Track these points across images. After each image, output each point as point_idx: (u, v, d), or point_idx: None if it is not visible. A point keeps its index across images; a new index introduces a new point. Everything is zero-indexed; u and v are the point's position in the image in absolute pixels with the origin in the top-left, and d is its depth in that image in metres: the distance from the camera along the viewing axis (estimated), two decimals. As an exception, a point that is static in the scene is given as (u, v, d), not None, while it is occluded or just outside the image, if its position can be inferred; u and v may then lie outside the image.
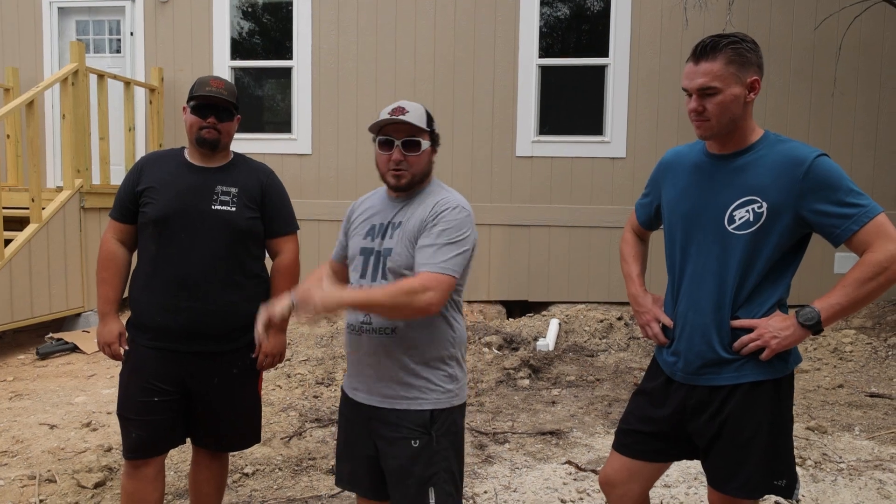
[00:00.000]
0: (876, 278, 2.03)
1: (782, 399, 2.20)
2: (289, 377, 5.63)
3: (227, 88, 2.77)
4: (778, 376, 2.17)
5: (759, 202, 2.12)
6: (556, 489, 3.56)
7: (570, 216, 7.63)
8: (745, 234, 2.14)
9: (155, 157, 2.89)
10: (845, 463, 3.73)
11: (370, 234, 2.40)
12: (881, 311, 6.96)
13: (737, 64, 2.09)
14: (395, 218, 2.37)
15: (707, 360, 2.20)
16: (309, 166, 7.96)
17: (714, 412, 2.19)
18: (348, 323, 2.38)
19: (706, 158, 2.26)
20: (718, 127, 2.15)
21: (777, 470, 2.19)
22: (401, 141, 2.30)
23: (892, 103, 7.29)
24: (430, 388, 2.31)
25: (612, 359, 6.49)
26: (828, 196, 2.06)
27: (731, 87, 2.10)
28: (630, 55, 7.54)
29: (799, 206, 2.09)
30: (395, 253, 2.30)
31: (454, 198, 2.35)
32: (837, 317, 2.10)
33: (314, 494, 3.71)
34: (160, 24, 8.14)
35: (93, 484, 3.71)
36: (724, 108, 2.11)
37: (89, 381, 5.57)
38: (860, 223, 2.05)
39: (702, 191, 2.24)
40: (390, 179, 2.33)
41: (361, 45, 7.85)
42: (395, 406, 2.31)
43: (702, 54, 2.12)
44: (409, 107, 2.32)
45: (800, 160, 2.09)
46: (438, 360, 2.32)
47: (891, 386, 5.60)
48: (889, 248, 2.02)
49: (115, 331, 2.82)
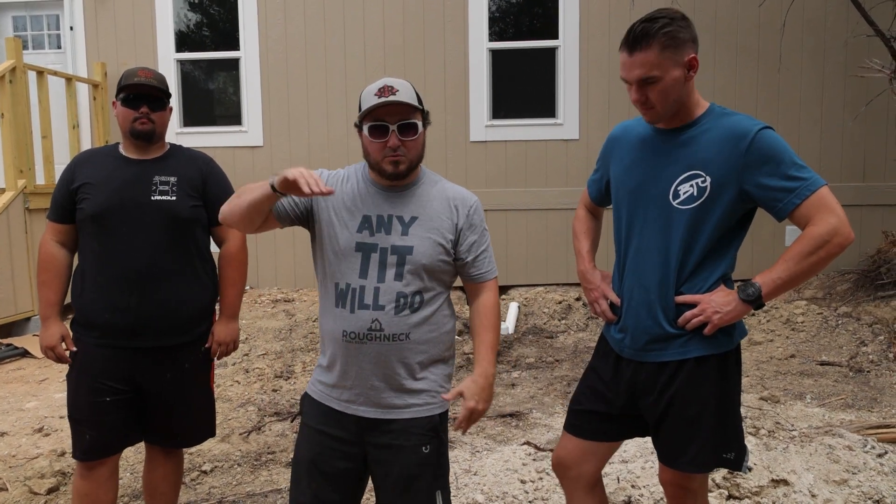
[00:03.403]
0: (817, 252, 2.03)
1: (728, 374, 2.21)
2: (247, 372, 5.57)
3: (157, 77, 2.72)
4: (723, 350, 2.19)
5: (703, 176, 2.11)
6: (515, 470, 3.58)
7: (526, 199, 7.66)
8: (688, 208, 2.13)
9: (88, 155, 2.83)
10: (797, 430, 3.81)
11: (365, 227, 2.15)
12: (832, 281, 7.12)
13: (672, 48, 2.06)
14: (398, 210, 2.17)
15: (653, 335, 2.20)
16: (261, 158, 7.86)
17: (661, 389, 2.20)
18: (345, 331, 2.13)
19: (652, 132, 2.25)
20: (664, 111, 2.14)
21: (726, 443, 2.21)
22: (396, 125, 2.08)
23: (835, 79, 7.42)
24: (436, 391, 2.21)
25: (571, 339, 6.54)
26: (770, 169, 2.05)
27: (671, 72, 2.07)
28: (580, 36, 7.56)
29: (742, 179, 2.08)
30: (418, 252, 2.13)
31: (460, 188, 2.30)
32: (779, 291, 2.09)
33: (274, 488, 3.68)
34: (101, 18, 7.93)
35: (45, 490, 3.63)
36: (666, 93, 2.09)
37: (41, 386, 5.45)
38: (802, 196, 2.04)
39: (647, 166, 2.23)
40: (387, 167, 2.12)
41: (309, 33, 7.75)
42: (403, 416, 2.17)
43: (635, 44, 2.07)
44: (397, 84, 2.09)
45: (742, 133, 2.08)
46: (441, 360, 2.24)
47: (840, 354, 5.74)
48: (830, 221, 2.02)
49: (57, 333, 2.76)
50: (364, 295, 2.12)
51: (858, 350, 5.74)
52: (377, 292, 2.12)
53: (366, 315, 2.11)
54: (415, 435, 2.16)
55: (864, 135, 7.44)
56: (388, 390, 2.16)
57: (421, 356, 2.17)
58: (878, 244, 7.06)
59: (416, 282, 2.14)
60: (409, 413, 2.17)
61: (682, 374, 2.18)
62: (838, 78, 7.41)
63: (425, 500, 2.17)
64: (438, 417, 2.21)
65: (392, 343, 2.12)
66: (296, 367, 5.68)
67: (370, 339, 2.12)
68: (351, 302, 2.13)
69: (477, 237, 2.24)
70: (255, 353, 5.96)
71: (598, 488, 2.44)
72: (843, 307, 6.50)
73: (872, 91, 6.96)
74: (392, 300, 2.12)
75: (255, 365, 5.69)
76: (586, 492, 2.39)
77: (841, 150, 7.50)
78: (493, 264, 2.30)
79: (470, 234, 2.22)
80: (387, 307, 2.11)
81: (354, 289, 2.13)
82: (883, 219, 7.32)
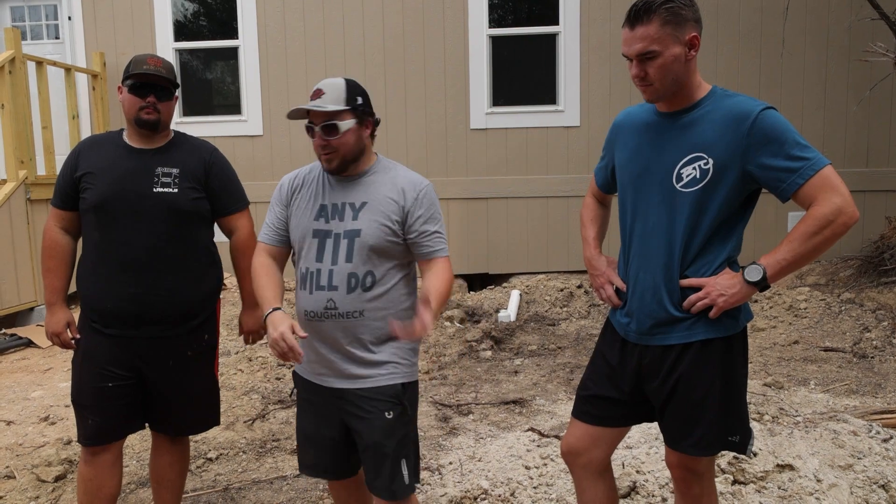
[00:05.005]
0: (821, 232, 2.01)
1: (734, 356, 2.21)
2: (250, 361, 5.58)
3: (165, 66, 2.70)
4: (729, 333, 2.18)
5: (706, 159, 2.10)
6: (520, 456, 3.59)
7: (527, 187, 7.64)
8: (692, 191, 2.12)
9: (92, 142, 2.81)
10: (801, 416, 3.81)
11: (321, 215, 2.37)
12: (834, 267, 7.12)
13: (673, 24, 2.05)
14: (350, 198, 2.36)
15: (658, 319, 2.20)
16: (261, 147, 7.84)
17: (667, 372, 2.20)
18: (307, 310, 2.35)
19: (655, 117, 2.24)
20: (663, 89, 2.12)
21: (731, 426, 2.21)
22: (319, 126, 2.30)
23: (839, 62, 7.39)
24: (398, 363, 2.36)
25: (573, 326, 6.54)
26: (773, 150, 2.04)
27: (671, 48, 2.06)
28: (580, 22, 7.53)
29: (745, 160, 2.07)
30: (365, 234, 2.30)
31: (414, 175, 2.42)
32: (784, 272, 2.09)
33: (279, 475, 3.69)
34: (99, 8, 7.90)
35: (53, 477, 3.64)
36: (665, 70, 2.08)
37: (45, 376, 5.46)
38: (805, 176, 2.02)
39: (651, 150, 2.22)
40: (323, 163, 2.37)
41: (308, 20, 7.71)
42: (367, 385, 2.33)
43: (636, 18, 2.08)
44: (327, 87, 2.32)
45: (745, 114, 2.06)
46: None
47: (844, 340, 5.74)
48: (835, 201, 2.00)
49: (62, 320, 2.76)
50: (320, 277, 2.33)
51: (862, 336, 5.73)
52: (331, 274, 2.32)
53: (322, 295, 2.32)
54: (378, 401, 2.32)
55: (867, 119, 7.41)
56: (350, 363, 2.34)
57: (377, 332, 2.33)
58: (881, 230, 7.04)
59: (367, 262, 2.31)
60: (372, 382, 2.33)
61: (688, 356, 2.18)
62: (842, 62, 7.37)
63: (391, 466, 2.33)
64: (402, 387, 2.35)
65: (347, 320, 2.31)
66: (299, 355, 5.68)
67: (327, 317, 2.32)
68: (310, 284, 2.35)
69: (424, 219, 2.35)
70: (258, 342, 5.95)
71: (608, 474, 2.45)
72: (847, 293, 6.49)
73: (876, 75, 6.94)
74: (344, 280, 2.31)
75: (259, 353, 5.69)
76: (596, 478, 2.40)
77: (845, 135, 7.47)
78: (442, 244, 2.39)
79: (417, 216, 2.34)
80: (340, 287, 2.31)
81: (313, 272, 2.35)
82: (886, 204, 7.30)
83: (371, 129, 2.41)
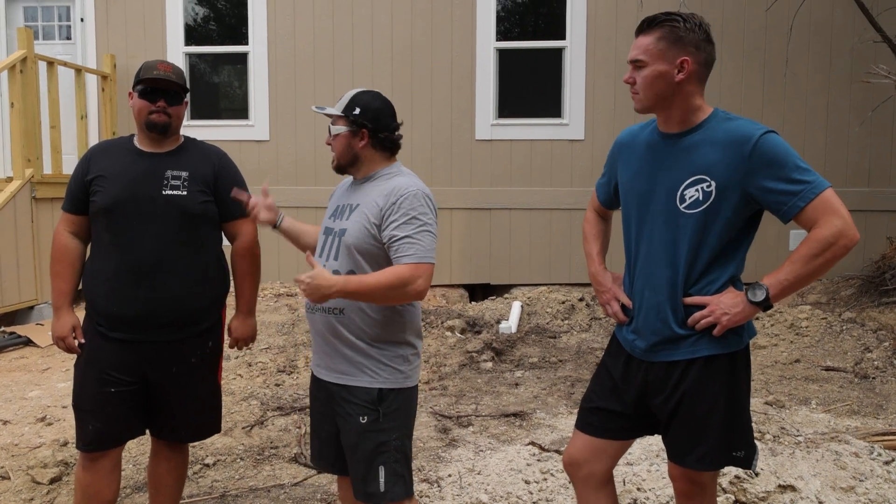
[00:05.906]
0: (823, 254, 2.05)
1: (738, 372, 2.23)
2: (250, 366, 5.57)
3: (175, 72, 2.73)
4: (733, 350, 2.20)
5: (708, 181, 2.14)
6: (519, 470, 3.58)
7: (531, 199, 7.65)
8: (695, 212, 2.16)
9: (104, 146, 2.85)
10: (803, 436, 3.80)
11: (335, 214, 2.51)
12: (835, 286, 7.11)
13: (667, 41, 2.12)
14: (353, 200, 2.47)
15: (663, 336, 2.22)
16: (267, 153, 7.86)
17: (672, 387, 2.22)
18: (306, 303, 2.42)
19: (657, 138, 2.28)
20: (645, 101, 2.20)
21: (735, 442, 2.22)
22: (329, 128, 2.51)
23: (842, 83, 7.41)
24: (380, 368, 2.39)
25: (574, 339, 6.54)
26: (774, 173, 2.07)
27: (656, 64, 2.14)
28: (587, 37, 7.56)
29: (746, 183, 2.10)
30: (348, 232, 2.39)
31: (409, 181, 2.40)
32: (786, 293, 2.13)
33: (276, 483, 3.68)
34: (112, 10, 7.94)
35: (48, 479, 3.63)
36: (648, 82, 2.16)
37: (43, 375, 5.45)
38: (807, 199, 2.06)
39: (654, 171, 2.26)
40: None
41: (318, 29, 7.75)
42: (347, 382, 2.40)
43: (641, 28, 2.18)
44: (344, 94, 2.50)
45: (746, 138, 2.10)
46: (388, 342, 2.40)
47: (845, 359, 5.73)
48: (835, 223, 2.04)
49: (68, 324, 2.76)
50: None
51: (863, 356, 5.72)
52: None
53: None
54: (355, 404, 2.38)
55: (869, 140, 7.43)
56: (335, 357, 2.42)
57: (359, 332, 2.37)
58: (882, 249, 7.05)
59: (349, 261, 2.38)
60: (351, 381, 2.39)
61: (692, 372, 2.20)
62: (844, 83, 7.40)
63: (366, 470, 2.37)
64: (378, 392, 2.37)
65: (330, 315, 2.40)
66: (298, 361, 5.68)
67: (316, 310, 2.43)
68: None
69: (397, 223, 2.32)
70: (258, 347, 5.95)
71: (609, 487, 2.45)
72: (848, 312, 6.49)
73: (879, 97, 6.96)
74: None
75: (258, 359, 5.69)
76: (597, 491, 2.40)
77: (846, 156, 7.49)
78: (411, 251, 2.30)
79: (391, 220, 2.33)
80: None
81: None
82: (888, 224, 7.30)
83: (367, 139, 2.43)
